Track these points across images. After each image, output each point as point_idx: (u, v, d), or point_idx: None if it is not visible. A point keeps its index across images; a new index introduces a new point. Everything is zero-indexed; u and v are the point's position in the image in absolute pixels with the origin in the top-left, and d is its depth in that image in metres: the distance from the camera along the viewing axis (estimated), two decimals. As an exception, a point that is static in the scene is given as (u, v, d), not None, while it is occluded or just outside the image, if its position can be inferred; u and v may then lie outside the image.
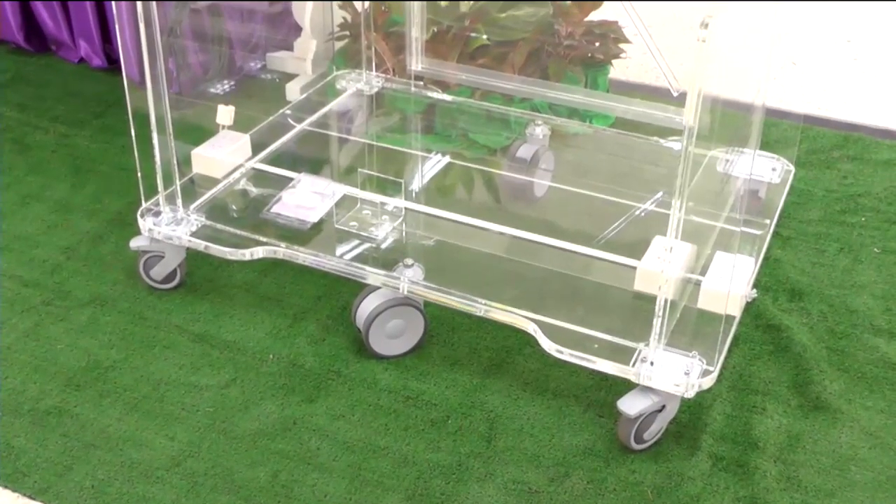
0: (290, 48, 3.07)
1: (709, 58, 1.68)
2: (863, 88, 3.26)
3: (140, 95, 2.15)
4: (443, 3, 2.59)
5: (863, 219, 2.51)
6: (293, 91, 2.93)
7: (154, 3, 2.04)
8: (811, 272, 2.32)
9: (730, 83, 2.27)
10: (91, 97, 3.07)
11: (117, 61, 3.17)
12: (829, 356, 2.07)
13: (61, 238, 2.44)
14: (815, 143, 2.84)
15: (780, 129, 2.83)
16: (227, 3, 2.94)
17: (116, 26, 2.78)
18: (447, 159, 2.54)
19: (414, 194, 2.38)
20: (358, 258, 2.09)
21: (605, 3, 2.69)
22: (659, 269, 1.82)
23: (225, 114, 2.35)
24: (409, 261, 2.03)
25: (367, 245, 2.15)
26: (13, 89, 3.13)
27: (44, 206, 2.56)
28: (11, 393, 1.97)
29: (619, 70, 2.94)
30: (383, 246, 2.15)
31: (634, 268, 1.98)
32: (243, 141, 2.39)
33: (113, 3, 2.87)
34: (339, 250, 2.12)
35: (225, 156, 2.34)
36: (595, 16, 2.74)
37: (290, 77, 3.02)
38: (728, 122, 2.38)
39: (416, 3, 2.59)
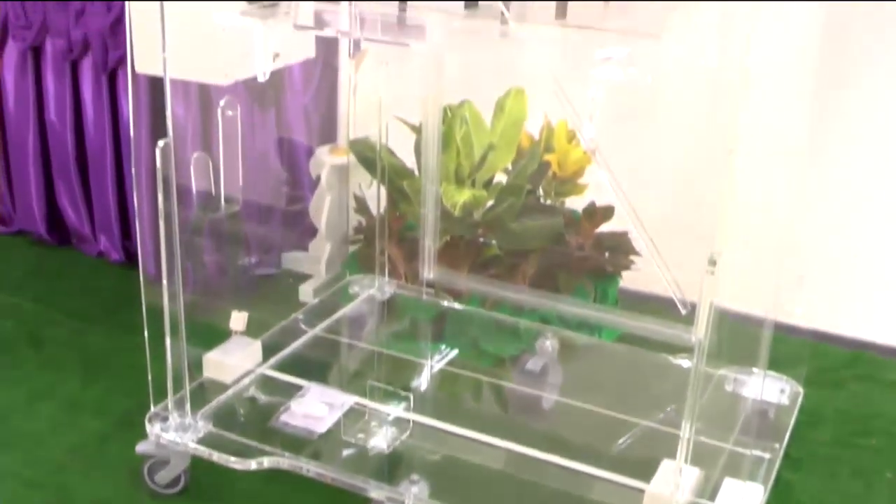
0: (305, 249, 3.13)
1: (717, 288, 1.71)
2: (872, 305, 3.28)
3: (155, 291, 2.18)
4: (456, 214, 2.65)
5: (874, 441, 2.49)
6: (306, 293, 2.98)
7: (175, 202, 2.10)
8: (823, 498, 2.29)
9: (738, 299, 2.29)
10: (107, 292, 3.12)
11: (136, 257, 3.23)
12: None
13: (68, 437, 2.43)
14: (824, 360, 2.85)
15: (788, 346, 2.83)
16: (247, 207, 3.01)
17: (137, 222, 2.85)
18: (454, 352, 2.56)
19: (422, 405, 2.38)
20: (363, 471, 2.07)
21: (615, 216, 2.74)
22: (668, 494, 1.80)
23: (238, 320, 2.38)
24: (414, 477, 2.02)
25: (373, 457, 2.14)
26: (32, 281, 3.18)
27: (52, 404, 2.56)
28: None
29: (628, 280, 2.97)
30: (389, 459, 2.14)
31: (642, 490, 1.96)
32: (254, 347, 2.41)
33: (134, 197, 2.96)
34: (345, 462, 2.10)
35: (236, 361, 2.35)
36: (605, 227, 2.80)
37: (305, 277, 3.07)
38: (737, 339, 2.39)
39: (430, 214, 2.65)
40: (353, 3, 1.80)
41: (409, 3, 1.79)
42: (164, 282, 2.13)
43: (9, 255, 3.38)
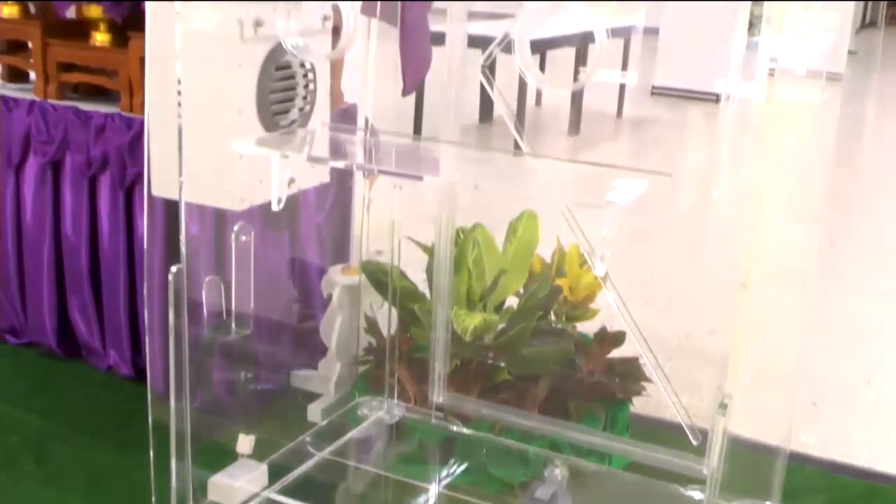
0: (314, 367, 3.12)
1: (728, 431, 1.69)
2: (885, 433, 3.25)
3: (163, 408, 2.17)
4: (467, 339, 2.65)
5: (890, 579, 2.44)
6: (314, 413, 2.96)
7: (186, 322, 2.10)
8: None
9: (750, 427, 2.27)
10: (115, 407, 3.10)
11: (145, 372, 3.22)
12: None
13: (68, 559, 2.40)
14: (838, 492, 2.80)
15: (802, 477, 2.80)
16: (258, 327, 3.01)
17: (147, 338, 2.86)
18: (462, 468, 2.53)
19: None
20: None
21: (625, 342, 2.73)
22: None
23: (244, 443, 2.36)
24: None
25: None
26: (39, 394, 3.17)
27: (54, 524, 2.53)
28: None
29: (639, 405, 2.95)
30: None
31: None
32: (261, 471, 2.38)
33: (146, 314, 2.96)
34: None
35: (241, 485, 2.33)
36: (616, 353, 2.79)
37: (314, 396, 3.05)
38: (749, 469, 2.36)
39: (441, 337, 2.65)
40: (369, 136, 1.83)
41: (423, 138, 1.82)
42: (172, 400, 2.12)
43: (18, 366, 3.38)
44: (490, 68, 2.45)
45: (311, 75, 2.16)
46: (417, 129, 6.77)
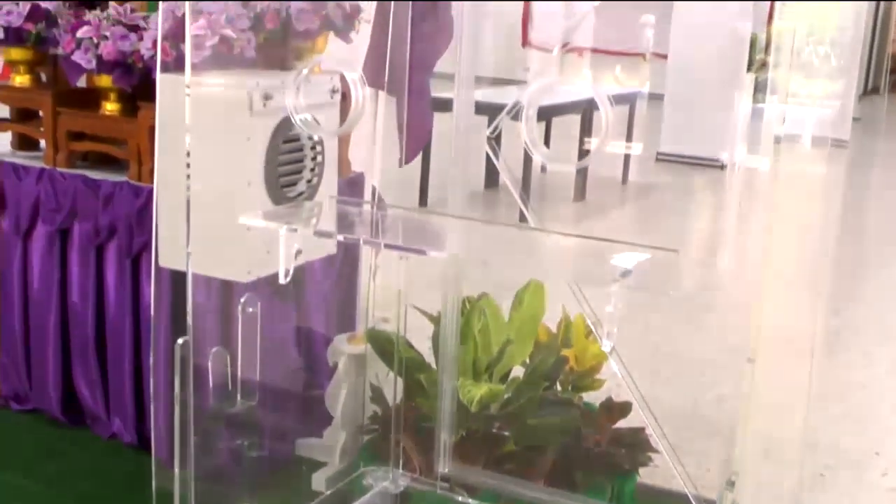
0: (319, 436, 3.10)
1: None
2: (894, 505, 3.21)
3: (167, 475, 2.16)
4: (473, 410, 2.64)
5: None
6: (319, 481, 2.94)
7: (191, 392, 2.09)
8: None
9: (758, 500, 2.25)
10: (119, 475, 3.08)
11: (149, 440, 3.21)
12: None
13: None
14: (848, 567, 2.77)
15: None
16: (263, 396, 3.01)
17: (152, 406, 2.85)
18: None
19: None
20: None
21: (632, 412, 2.72)
22: None
23: (249, 514, 2.34)
24: None
25: None
26: (43, 462, 3.16)
27: None
28: None
29: (645, 476, 2.93)
30: None
31: None
32: (265, 542, 2.36)
33: (151, 384, 2.95)
34: None
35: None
36: (622, 423, 2.78)
37: (318, 465, 3.04)
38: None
39: (446, 407, 2.64)
40: (376, 208, 1.84)
41: (429, 209, 1.83)
42: (177, 468, 2.12)
43: (21, 433, 3.36)
44: (496, 137, 2.48)
45: (318, 147, 2.18)
46: (424, 196, 6.81)
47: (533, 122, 1.72)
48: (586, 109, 6.79)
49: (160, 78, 2.10)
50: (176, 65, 2.32)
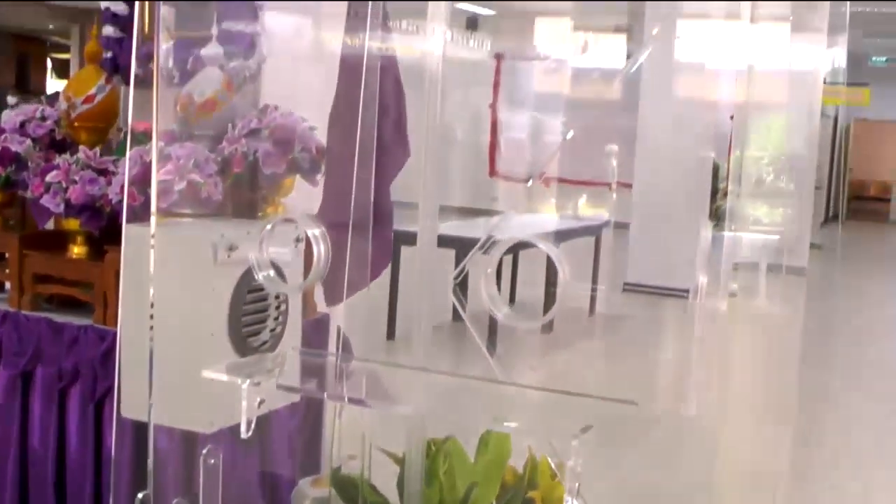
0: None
1: None
2: None
3: None
4: None
5: None
6: None
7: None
8: None
9: None
10: None
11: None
12: None
13: None
14: None
15: None
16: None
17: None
18: None
19: None
20: None
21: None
22: None
23: None
24: None
25: None
26: None
27: None
28: None
29: None
30: None
31: None
32: None
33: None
34: None
35: None
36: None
37: None
38: None
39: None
40: (340, 355, 1.85)
41: (393, 363, 1.84)
42: None
43: (-23, 582, 3.27)
44: (462, 282, 2.51)
45: (283, 296, 2.20)
46: (392, 327, 6.83)
47: (492, 285, 1.75)
48: (552, 242, 6.87)
49: (125, 228, 2.12)
50: (144, 209, 2.34)
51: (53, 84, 19.01)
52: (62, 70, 19.00)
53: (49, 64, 19.54)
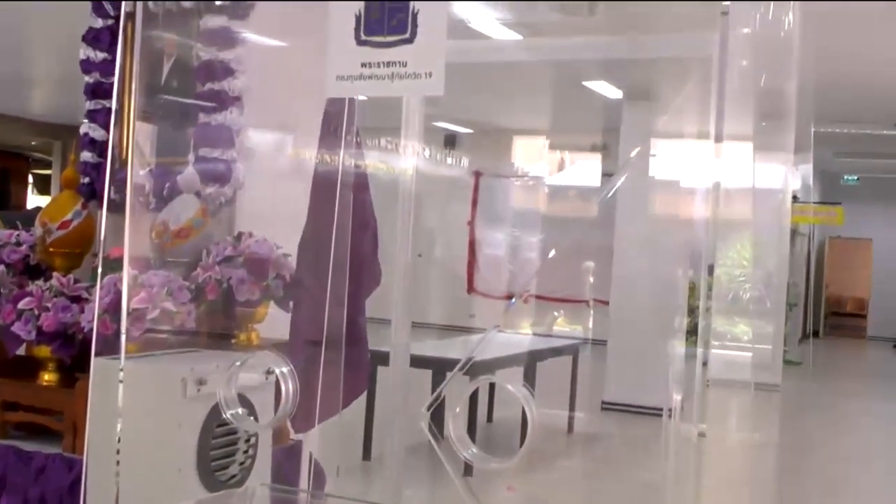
0: None
1: None
2: None
3: None
4: None
5: None
6: None
7: None
8: None
9: None
10: None
11: None
12: None
13: None
14: None
15: None
16: None
17: None
18: None
19: None
20: None
21: None
22: None
23: None
24: None
25: None
26: None
27: None
28: None
29: None
30: None
31: None
32: None
33: None
34: None
35: None
36: None
37: None
38: None
39: None
40: (311, 495, 1.83)
41: (364, 501, 1.82)
42: None
43: None
44: (437, 410, 2.49)
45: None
46: (367, 448, 6.74)
47: (461, 421, 1.75)
48: (529, 363, 6.87)
49: (94, 362, 2.11)
50: (117, 338, 2.33)
51: (34, 199, 19.08)
52: (43, 186, 19.09)
53: (30, 179, 19.63)
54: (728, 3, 1.73)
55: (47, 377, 3.15)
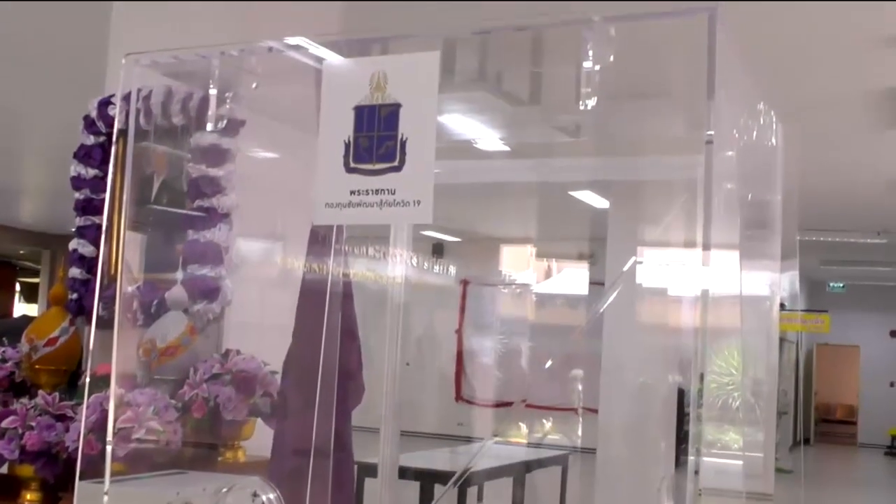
0: None
1: None
2: None
3: None
4: None
5: None
6: None
7: None
8: None
9: None
10: None
11: None
12: None
13: None
14: None
15: None
16: None
17: None
18: None
19: None
20: None
21: None
22: None
23: None
24: None
25: None
26: None
27: None
28: None
29: None
30: None
31: None
32: None
33: None
34: None
35: None
36: None
37: None
38: None
39: None
40: None
41: None
42: None
43: None
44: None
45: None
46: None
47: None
48: (518, 475, 6.80)
49: (78, 486, 2.09)
50: (102, 459, 2.30)
51: (21, 307, 19.03)
52: (30, 294, 19.06)
53: (17, 287, 19.62)
54: (712, 132, 1.76)
55: (30, 497, 3.09)
